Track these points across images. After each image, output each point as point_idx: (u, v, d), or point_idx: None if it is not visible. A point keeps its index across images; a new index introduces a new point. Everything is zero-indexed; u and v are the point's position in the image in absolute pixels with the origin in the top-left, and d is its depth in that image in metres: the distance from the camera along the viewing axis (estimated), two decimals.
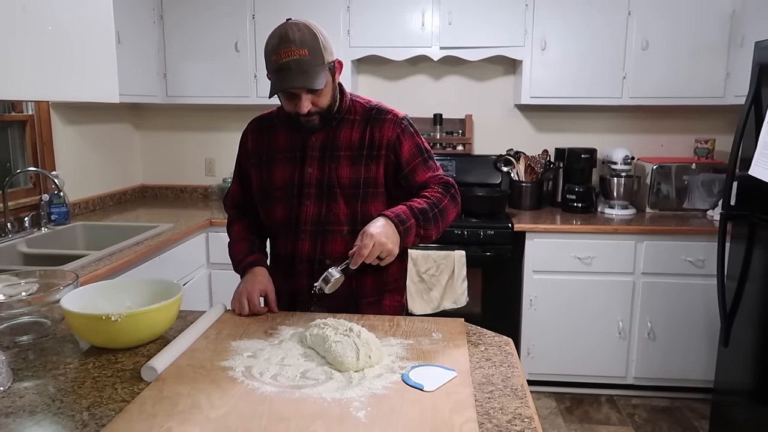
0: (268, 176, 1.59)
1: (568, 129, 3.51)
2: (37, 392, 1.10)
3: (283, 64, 1.38)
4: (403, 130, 1.55)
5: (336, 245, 1.54)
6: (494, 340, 1.36)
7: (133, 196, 3.66)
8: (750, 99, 2.17)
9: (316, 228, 1.55)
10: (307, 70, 1.39)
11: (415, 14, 3.10)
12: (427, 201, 1.49)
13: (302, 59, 1.37)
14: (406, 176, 1.56)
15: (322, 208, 1.54)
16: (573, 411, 2.94)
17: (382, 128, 1.54)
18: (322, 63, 1.41)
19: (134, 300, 1.42)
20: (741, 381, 2.25)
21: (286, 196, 1.57)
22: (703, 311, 2.89)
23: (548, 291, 2.97)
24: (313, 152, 1.55)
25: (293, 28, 1.39)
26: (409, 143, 1.55)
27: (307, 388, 1.08)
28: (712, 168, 3.14)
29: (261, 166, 1.61)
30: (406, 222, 1.42)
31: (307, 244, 1.56)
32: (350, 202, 1.54)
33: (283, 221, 1.58)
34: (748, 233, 2.20)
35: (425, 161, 1.57)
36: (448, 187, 1.56)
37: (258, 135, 1.64)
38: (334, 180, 1.53)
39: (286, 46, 1.37)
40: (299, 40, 1.37)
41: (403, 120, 1.57)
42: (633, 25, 3.03)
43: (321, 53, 1.41)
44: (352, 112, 1.57)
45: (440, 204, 1.50)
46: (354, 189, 1.53)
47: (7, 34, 1.29)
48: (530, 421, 1.00)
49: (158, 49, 3.24)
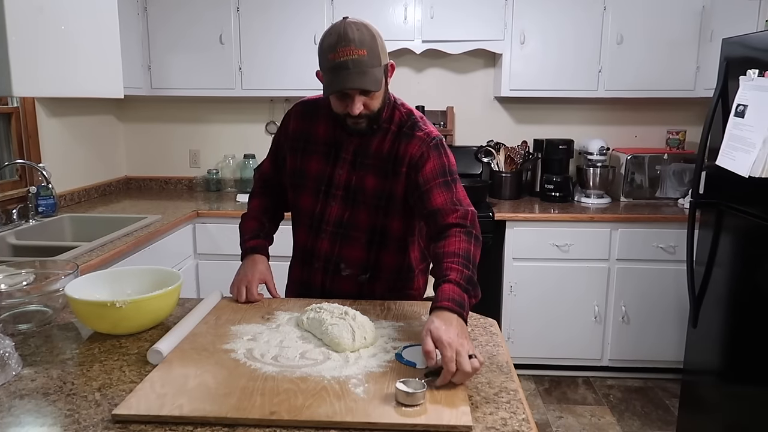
0: (302, 164, 1.58)
1: (547, 121, 3.61)
2: (48, 376, 1.15)
3: (341, 63, 1.33)
4: (429, 149, 1.48)
5: (353, 251, 1.57)
6: (480, 322, 1.44)
7: (118, 188, 3.67)
8: (718, 92, 2.28)
9: (336, 230, 1.56)
10: (365, 71, 1.34)
11: (398, 8, 3.16)
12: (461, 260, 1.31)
13: (361, 59, 1.33)
14: (422, 196, 1.46)
15: (345, 211, 1.55)
16: (551, 392, 3.07)
17: (408, 145, 1.49)
18: (379, 64, 1.37)
19: (134, 288, 1.47)
20: (709, 360, 2.37)
21: (315, 189, 1.57)
22: (675, 295, 3.03)
23: (528, 278, 3.08)
24: (346, 154, 1.53)
25: (352, 27, 1.35)
26: (433, 162, 1.47)
27: (306, 367, 1.15)
28: (683, 158, 3.27)
29: (297, 152, 1.59)
30: (463, 304, 1.23)
31: (327, 244, 1.58)
32: (372, 213, 1.53)
33: (308, 211, 1.59)
34: (716, 220, 2.32)
35: (446, 184, 1.47)
36: (468, 228, 1.40)
37: (301, 120, 1.60)
38: (360, 187, 1.52)
39: (345, 45, 1.33)
40: (359, 40, 1.33)
41: (434, 139, 1.50)
42: (608, 20, 3.13)
43: (378, 54, 1.37)
44: (390, 121, 1.52)
45: (470, 255, 1.34)
46: (377, 201, 1.52)
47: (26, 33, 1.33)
48: (515, 394, 1.08)
49: (142, 41, 3.25)
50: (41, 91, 1.64)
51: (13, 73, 1.28)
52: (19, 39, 1.32)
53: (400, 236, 1.58)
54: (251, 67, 3.25)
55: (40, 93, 1.86)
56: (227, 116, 3.69)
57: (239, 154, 3.68)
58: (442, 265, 1.31)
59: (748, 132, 2.02)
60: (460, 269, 1.29)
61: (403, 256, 1.62)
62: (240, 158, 3.66)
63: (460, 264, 1.30)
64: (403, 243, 1.60)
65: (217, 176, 3.67)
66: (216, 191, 3.65)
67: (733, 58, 2.23)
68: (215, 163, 3.73)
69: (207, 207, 3.17)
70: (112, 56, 1.64)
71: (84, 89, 1.54)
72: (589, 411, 2.89)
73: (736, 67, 2.17)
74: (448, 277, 1.27)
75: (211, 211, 3.09)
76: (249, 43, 3.23)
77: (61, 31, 1.40)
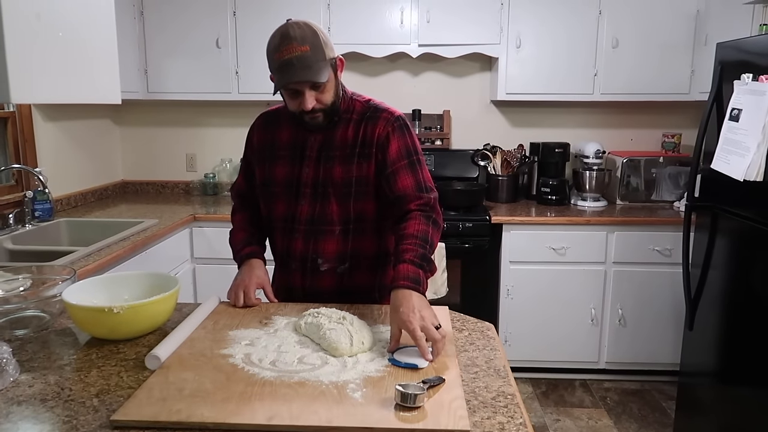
0: (270, 172, 1.61)
1: (543, 124, 3.63)
2: (45, 382, 1.15)
3: (285, 60, 1.40)
4: (394, 129, 1.53)
5: (328, 245, 1.58)
6: (477, 326, 1.45)
7: (114, 192, 3.66)
8: (712, 96, 2.29)
9: (309, 227, 1.58)
10: (310, 65, 1.40)
11: (395, 12, 3.17)
12: (416, 241, 1.42)
13: (304, 55, 1.39)
14: (388, 177, 1.52)
15: (315, 207, 1.57)
16: (548, 395, 3.07)
17: (375, 126, 1.54)
18: (323, 58, 1.42)
19: (131, 293, 1.47)
20: (705, 362, 2.38)
21: (286, 194, 1.59)
22: (671, 298, 3.04)
23: (524, 280, 3.08)
24: (311, 152, 1.56)
25: (293, 27, 1.41)
26: (398, 143, 1.53)
27: (304, 372, 1.15)
28: (679, 161, 3.28)
29: (264, 162, 1.63)
30: (419, 280, 1.34)
31: (300, 243, 1.59)
32: (342, 202, 1.55)
33: (282, 218, 1.61)
34: (711, 223, 2.33)
35: (411, 165, 1.53)
36: (429, 213, 1.50)
37: (263, 131, 1.66)
38: (327, 180, 1.55)
39: (288, 43, 1.39)
40: (300, 37, 1.39)
41: (398, 119, 1.55)
42: (604, 24, 3.15)
43: (322, 49, 1.42)
44: (351, 111, 1.57)
45: (428, 237, 1.44)
46: (346, 188, 1.55)
47: (24, 40, 1.34)
48: (513, 398, 1.09)
49: (139, 46, 3.25)
50: (39, 98, 1.65)
51: (11, 80, 1.29)
52: (16, 46, 1.33)
53: (376, 218, 1.59)
54: (248, 71, 3.25)
55: (37, 100, 1.87)
56: (224, 120, 3.69)
57: (236, 158, 3.67)
58: (399, 246, 1.42)
59: (742, 136, 2.03)
60: (415, 249, 1.40)
61: (379, 241, 1.63)
62: (237, 162, 3.65)
63: (416, 245, 1.41)
64: (379, 225, 1.61)
65: (214, 180, 3.67)
66: (213, 195, 3.65)
67: (728, 62, 2.25)
68: (212, 167, 3.73)
69: (204, 211, 3.17)
70: (110, 62, 1.65)
71: (81, 95, 1.54)
72: (586, 414, 2.89)
73: (731, 71, 2.19)
74: (404, 257, 1.38)
75: (208, 215, 3.09)
76: (245, 47, 3.23)
77: (58, 38, 1.40)
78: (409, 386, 1.03)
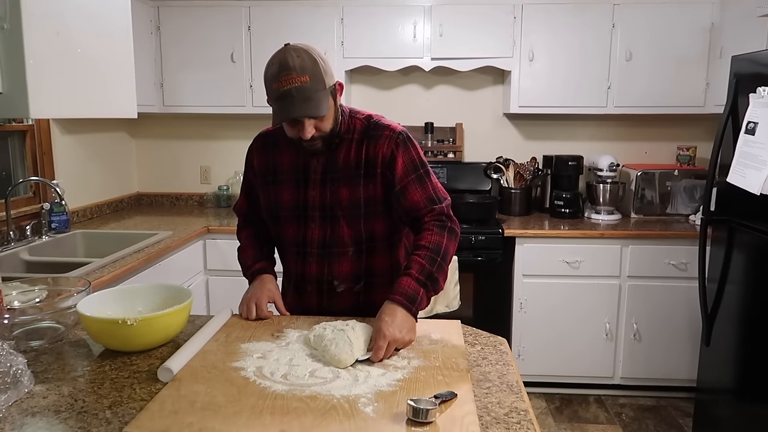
0: (275, 197, 1.59)
1: (556, 137, 3.62)
2: (59, 393, 1.16)
3: (284, 92, 1.37)
4: (398, 146, 1.51)
5: (343, 266, 1.57)
6: (489, 341, 1.44)
7: (130, 204, 3.70)
8: (728, 109, 2.27)
9: (321, 251, 1.57)
10: (310, 97, 1.37)
11: (407, 26, 3.19)
12: (427, 254, 1.43)
13: (304, 86, 1.36)
14: (398, 195, 1.51)
15: (326, 231, 1.55)
16: (563, 411, 3.03)
17: (377, 145, 1.51)
18: (323, 88, 1.39)
19: (145, 305, 1.48)
20: (722, 379, 2.34)
21: (294, 218, 1.58)
22: (686, 313, 3.00)
23: (537, 294, 3.06)
24: (315, 175, 1.54)
25: (292, 54, 1.37)
26: (403, 158, 1.51)
27: (316, 386, 1.15)
28: (694, 174, 3.25)
29: (267, 186, 1.61)
30: (416, 299, 1.37)
31: (315, 266, 1.58)
32: (353, 223, 1.54)
33: (291, 239, 1.60)
34: (728, 237, 2.30)
35: (420, 178, 1.52)
36: (444, 221, 1.51)
37: (263, 154, 1.63)
38: (335, 203, 1.53)
39: (287, 73, 1.36)
40: (299, 67, 1.36)
41: (400, 135, 1.53)
42: (617, 37, 3.14)
43: (322, 78, 1.39)
44: (352, 131, 1.54)
45: (441, 248, 1.45)
46: (355, 210, 1.53)
47: (43, 56, 1.37)
48: (526, 414, 1.07)
49: (155, 60, 3.30)
50: (57, 113, 1.68)
51: (30, 96, 1.31)
52: (36, 62, 1.36)
53: (386, 236, 1.59)
54: (262, 85, 3.23)
55: (55, 115, 1.90)
56: (238, 133, 3.72)
57: None
58: (411, 256, 1.45)
59: (758, 149, 2.01)
60: (423, 263, 1.42)
61: (391, 256, 1.62)
62: None
63: (425, 258, 1.42)
64: (390, 242, 1.60)
65: (228, 192, 3.69)
66: (226, 207, 3.67)
67: (743, 75, 2.23)
68: (226, 180, 3.76)
69: (217, 223, 3.19)
70: (127, 78, 1.68)
71: (99, 110, 1.57)
72: (601, 430, 2.85)
73: (746, 84, 2.17)
74: (409, 271, 1.41)
75: (221, 227, 3.11)
76: (260, 61, 3.25)
77: (76, 54, 1.43)
78: (421, 401, 1.03)
